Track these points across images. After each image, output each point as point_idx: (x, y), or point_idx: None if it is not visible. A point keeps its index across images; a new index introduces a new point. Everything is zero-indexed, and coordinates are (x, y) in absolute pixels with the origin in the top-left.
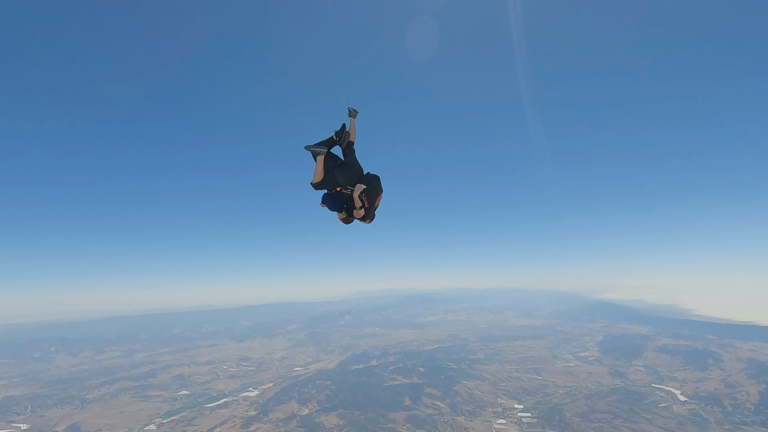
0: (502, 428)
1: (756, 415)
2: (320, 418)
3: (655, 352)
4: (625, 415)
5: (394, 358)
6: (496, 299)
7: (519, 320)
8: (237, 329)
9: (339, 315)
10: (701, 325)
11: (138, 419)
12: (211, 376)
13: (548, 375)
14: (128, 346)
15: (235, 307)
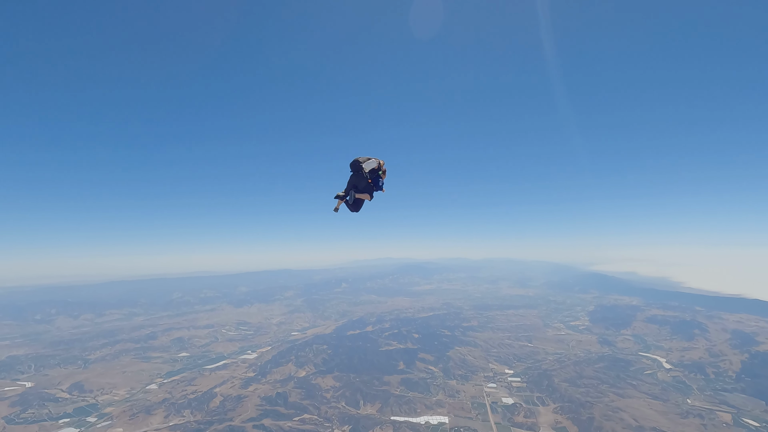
0: (492, 392)
1: (737, 382)
2: (317, 380)
3: (643, 322)
4: (611, 381)
5: (389, 325)
6: (490, 269)
7: (513, 290)
8: (235, 295)
9: (336, 282)
10: (690, 297)
11: (139, 379)
12: (210, 339)
13: (539, 342)
14: (128, 310)
15: (233, 273)
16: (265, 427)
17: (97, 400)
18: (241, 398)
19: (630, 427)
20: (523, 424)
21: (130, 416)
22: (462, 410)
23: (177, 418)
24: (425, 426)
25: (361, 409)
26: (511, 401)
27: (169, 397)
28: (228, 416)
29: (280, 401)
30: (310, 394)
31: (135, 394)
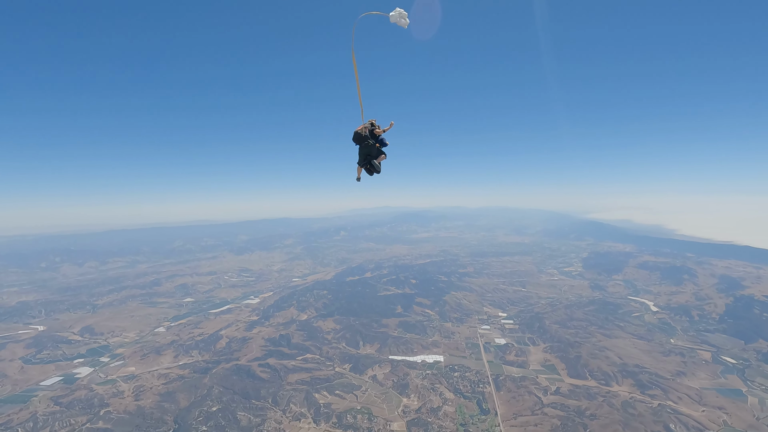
0: (485, 333)
1: (719, 324)
2: (318, 323)
3: (635, 268)
4: (600, 323)
5: (387, 271)
6: (487, 217)
7: (509, 237)
8: (236, 243)
9: (335, 231)
10: (682, 244)
11: (147, 322)
12: (213, 285)
13: (532, 287)
14: (131, 258)
15: (233, 222)
16: (270, 365)
17: (108, 342)
18: (246, 340)
19: (614, 365)
20: (514, 362)
21: (141, 356)
22: (456, 350)
23: (186, 358)
24: (421, 364)
25: (361, 349)
26: (503, 341)
27: (177, 339)
28: (234, 356)
29: (283, 342)
30: (311, 336)
31: (144, 336)
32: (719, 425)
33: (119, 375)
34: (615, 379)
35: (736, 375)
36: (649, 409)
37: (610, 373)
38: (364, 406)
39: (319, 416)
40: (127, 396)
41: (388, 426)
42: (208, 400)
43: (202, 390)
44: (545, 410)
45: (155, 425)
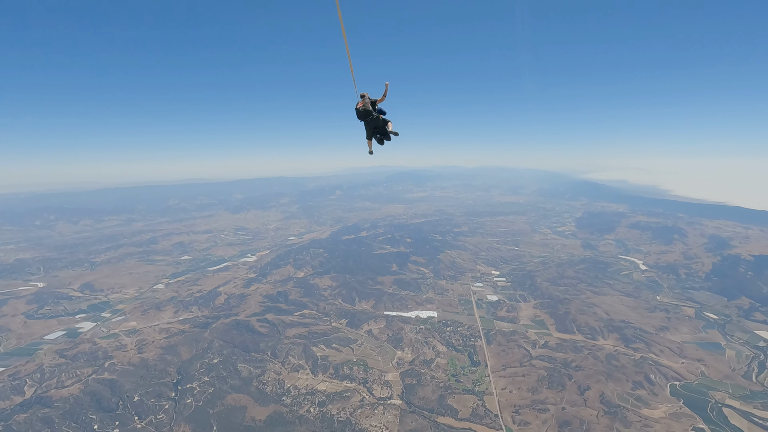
0: (478, 290)
1: (705, 282)
2: (314, 280)
3: (627, 228)
4: (589, 281)
5: (383, 230)
6: (483, 177)
7: (504, 197)
8: (231, 201)
9: (330, 189)
10: (675, 204)
11: (146, 279)
12: (210, 243)
13: (525, 246)
14: (126, 216)
15: (228, 180)
16: (268, 320)
17: (108, 298)
18: (244, 296)
19: (601, 320)
20: (504, 318)
21: (142, 312)
22: (450, 306)
23: (186, 314)
24: (415, 319)
25: (357, 305)
26: (495, 298)
27: (176, 295)
28: (233, 312)
29: (281, 299)
30: (308, 293)
31: (144, 293)
32: (697, 376)
33: (121, 329)
34: (601, 334)
35: (717, 330)
36: (632, 361)
37: (597, 328)
38: (360, 359)
39: (316, 368)
40: (130, 349)
41: (383, 377)
42: (209, 353)
43: (203, 344)
44: (533, 362)
45: (159, 376)
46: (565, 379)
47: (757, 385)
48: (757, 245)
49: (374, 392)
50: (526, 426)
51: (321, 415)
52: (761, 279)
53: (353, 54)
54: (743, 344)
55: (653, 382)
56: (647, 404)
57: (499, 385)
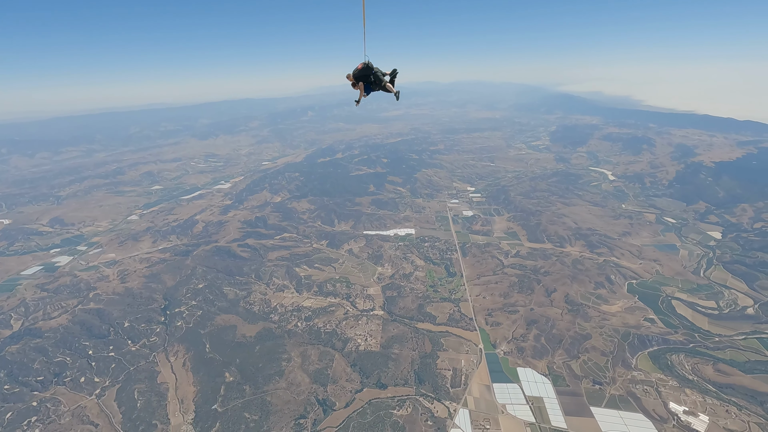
0: (454, 206)
1: (668, 189)
2: (292, 204)
3: (599, 140)
4: (560, 193)
5: (358, 151)
6: (459, 93)
7: (480, 113)
8: (197, 127)
9: (302, 111)
10: (646, 115)
11: (118, 211)
12: (181, 172)
13: (500, 162)
14: (86, 146)
15: (192, 104)
16: (249, 245)
17: (81, 231)
18: (222, 223)
19: (570, 229)
20: (479, 231)
21: (119, 243)
22: (427, 223)
23: (165, 243)
24: (394, 237)
25: (336, 226)
26: (470, 213)
27: (153, 225)
28: (213, 239)
29: (260, 224)
30: (287, 217)
31: (118, 224)
32: (652, 274)
33: (100, 261)
34: (569, 242)
35: (674, 233)
36: (595, 264)
37: (565, 237)
38: (342, 276)
39: (300, 287)
40: (112, 279)
41: (365, 291)
42: (193, 279)
43: (186, 270)
44: (505, 270)
45: (146, 303)
46: (534, 284)
47: (704, 279)
48: (719, 152)
49: (357, 305)
50: (497, 326)
51: (308, 329)
52: (719, 184)
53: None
54: (696, 244)
55: (613, 281)
56: (606, 301)
57: (474, 293)
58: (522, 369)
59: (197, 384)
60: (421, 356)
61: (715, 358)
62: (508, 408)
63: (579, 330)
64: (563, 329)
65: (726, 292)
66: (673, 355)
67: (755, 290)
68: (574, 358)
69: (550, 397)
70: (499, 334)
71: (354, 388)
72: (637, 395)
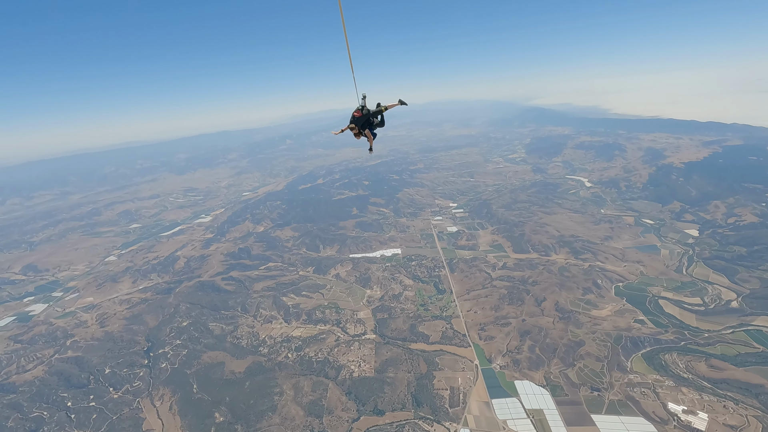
0: (438, 223)
1: (643, 191)
2: (276, 233)
3: (572, 149)
4: (541, 203)
5: (339, 175)
6: (434, 112)
7: (456, 131)
8: (175, 162)
9: (280, 140)
10: (615, 122)
11: (95, 253)
12: (159, 208)
13: (480, 177)
14: (59, 189)
15: (168, 140)
16: (233, 278)
17: (56, 277)
18: (204, 257)
19: (553, 237)
20: (465, 246)
21: (97, 286)
22: (412, 242)
23: (145, 282)
24: (381, 258)
25: (322, 252)
26: (455, 229)
27: (132, 265)
28: (196, 274)
29: (243, 255)
30: (271, 246)
31: (95, 267)
32: (637, 276)
33: (78, 306)
34: (553, 250)
35: (653, 233)
36: (581, 270)
37: (550, 245)
38: (330, 302)
39: (289, 316)
40: (91, 324)
41: (355, 315)
42: (177, 317)
43: (169, 309)
44: (494, 283)
45: (128, 346)
46: (523, 295)
47: (687, 276)
48: (687, 153)
49: (348, 330)
50: (491, 340)
51: (299, 359)
52: (690, 183)
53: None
54: (675, 243)
55: (600, 286)
56: (596, 306)
57: (465, 308)
58: (519, 382)
59: (186, 428)
60: (417, 378)
61: (706, 354)
62: (509, 423)
63: (572, 337)
64: (556, 338)
65: (709, 287)
66: (666, 354)
67: (736, 283)
68: (570, 366)
69: (550, 409)
70: (493, 348)
71: (350, 417)
72: (635, 398)
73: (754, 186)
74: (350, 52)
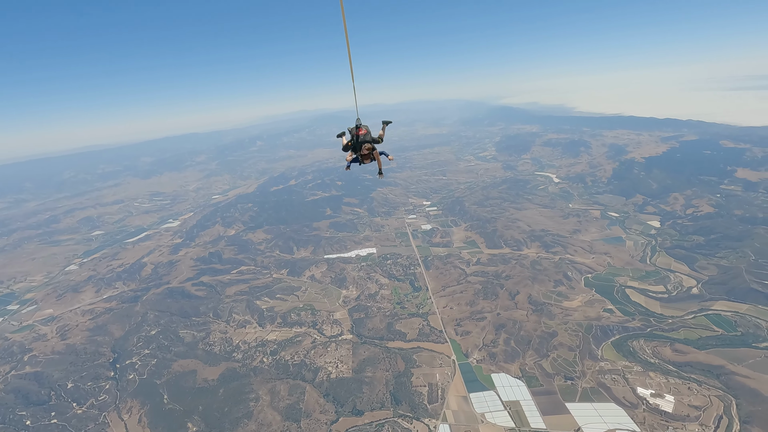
0: (412, 222)
1: (608, 185)
2: (247, 235)
3: (540, 146)
4: (512, 199)
5: (312, 176)
6: (406, 112)
7: (428, 130)
8: (139, 166)
9: (250, 141)
10: (580, 120)
11: (55, 262)
12: (124, 214)
13: (452, 175)
14: (14, 197)
15: (131, 143)
16: (204, 283)
17: (11, 289)
18: (173, 263)
19: (524, 232)
20: (440, 243)
21: (57, 297)
22: (387, 240)
23: (110, 291)
24: (356, 258)
25: (296, 253)
26: (429, 227)
27: (95, 273)
28: (164, 280)
29: (214, 259)
30: (243, 249)
31: (54, 277)
32: (604, 267)
33: (36, 319)
34: (525, 244)
35: (618, 226)
36: (552, 263)
37: (521, 240)
38: (306, 304)
39: (263, 320)
40: (51, 338)
41: (331, 316)
42: (144, 326)
43: (136, 318)
44: (469, 279)
45: (92, 359)
46: (497, 289)
47: (651, 266)
48: (647, 148)
49: (325, 332)
50: (467, 335)
51: (275, 363)
52: (651, 177)
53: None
54: (639, 234)
55: (570, 278)
56: (567, 297)
57: (441, 304)
58: (496, 375)
59: None
60: (395, 376)
61: (671, 339)
62: (488, 416)
63: (545, 329)
64: (530, 330)
65: (671, 275)
66: (634, 341)
67: (696, 271)
68: (544, 357)
69: (526, 399)
70: (470, 343)
71: (329, 419)
72: (606, 385)
73: (709, 178)
74: (350, 53)
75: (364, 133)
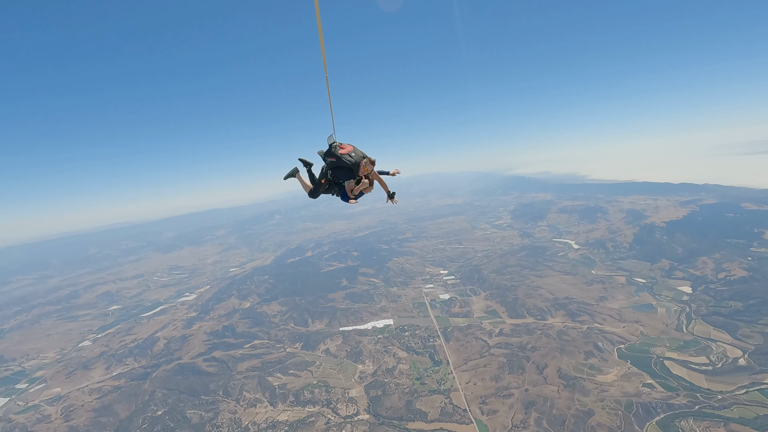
0: (430, 291)
1: (630, 251)
2: (262, 308)
3: (556, 213)
4: (531, 266)
5: (328, 248)
6: (420, 184)
7: (442, 200)
8: (161, 242)
9: (269, 215)
10: (593, 187)
11: (69, 338)
12: (142, 288)
13: (468, 243)
14: (38, 273)
15: (155, 220)
16: (216, 358)
17: (23, 366)
18: (186, 337)
19: (547, 300)
20: (459, 313)
21: (66, 375)
22: (404, 311)
23: (120, 368)
24: (372, 330)
25: (310, 326)
26: (447, 296)
27: (107, 350)
28: (175, 356)
29: (228, 333)
30: (257, 322)
31: (67, 353)
32: (637, 336)
33: (42, 399)
34: (549, 313)
35: (647, 292)
36: (580, 333)
37: (545, 308)
38: (320, 380)
39: (275, 398)
40: (55, 419)
41: (347, 393)
42: (151, 405)
43: (143, 396)
44: (492, 351)
45: None
46: (523, 362)
47: (688, 334)
48: (666, 213)
49: (339, 411)
50: (494, 414)
51: None
52: (675, 241)
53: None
54: (670, 301)
55: (602, 349)
56: (600, 371)
57: (463, 380)
58: None
59: None
60: None
61: (723, 418)
62: None
63: (580, 407)
64: (563, 408)
65: (713, 345)
66: (682, 420)
67: (739, 339)
68: None
69: None
70: (497, 424)
71: None
72: None
73: (737, 241)
74: (332, 114)
75: (351, 149)
